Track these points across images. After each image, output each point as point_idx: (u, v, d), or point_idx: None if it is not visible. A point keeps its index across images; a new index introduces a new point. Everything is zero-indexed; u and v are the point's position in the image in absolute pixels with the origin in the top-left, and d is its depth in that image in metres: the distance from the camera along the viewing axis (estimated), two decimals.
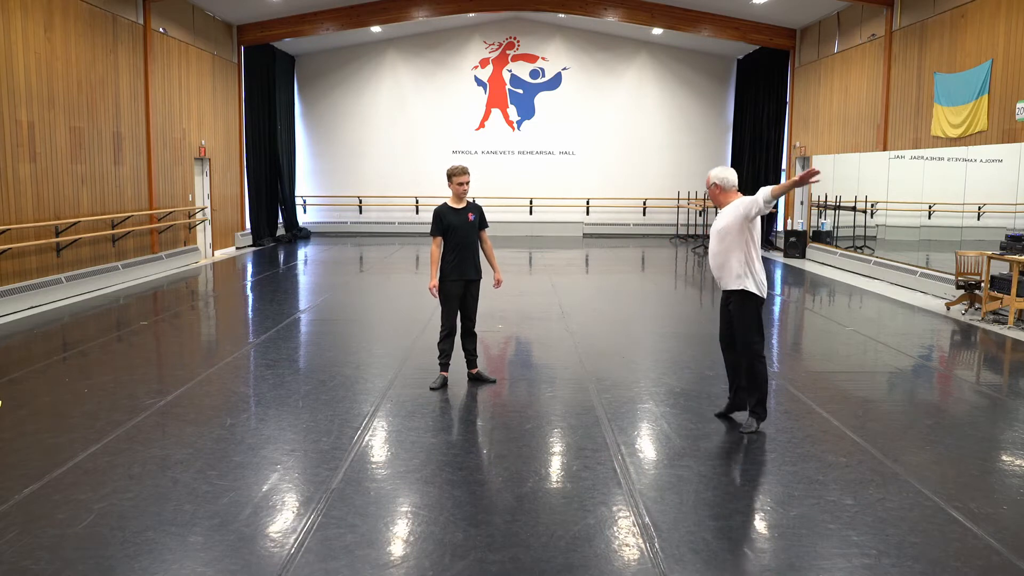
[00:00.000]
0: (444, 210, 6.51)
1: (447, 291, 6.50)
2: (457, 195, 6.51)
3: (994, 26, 11.72)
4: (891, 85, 14.70)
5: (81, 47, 12.12)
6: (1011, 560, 3.71)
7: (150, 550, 3.73)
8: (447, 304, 6.53)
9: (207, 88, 16.92)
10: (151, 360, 7.93)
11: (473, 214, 6.58)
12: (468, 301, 6.63)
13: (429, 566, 3.61)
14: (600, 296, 12.36)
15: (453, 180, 6.47)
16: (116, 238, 13.07)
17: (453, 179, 6.47)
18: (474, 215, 6.59)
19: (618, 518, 4.12)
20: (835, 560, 3.70)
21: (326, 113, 22.65)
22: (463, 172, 6.48)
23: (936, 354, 8.45)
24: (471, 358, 6.75)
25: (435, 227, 6.49)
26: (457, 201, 6.53)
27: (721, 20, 18.74)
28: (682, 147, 23.03)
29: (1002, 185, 10.96)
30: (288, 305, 11.09)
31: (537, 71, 22.83)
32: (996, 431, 5.68)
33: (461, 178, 6.45)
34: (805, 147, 18.71)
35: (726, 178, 5.52)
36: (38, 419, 5.73)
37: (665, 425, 5.65)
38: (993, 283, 9.69)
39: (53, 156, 11.40)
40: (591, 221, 23.04)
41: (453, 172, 6.48)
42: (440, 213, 6.49)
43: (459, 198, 6.53)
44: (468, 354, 6.75)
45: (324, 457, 4.96)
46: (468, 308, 6.65)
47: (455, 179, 6.46)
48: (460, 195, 6.51)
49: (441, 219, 6.46)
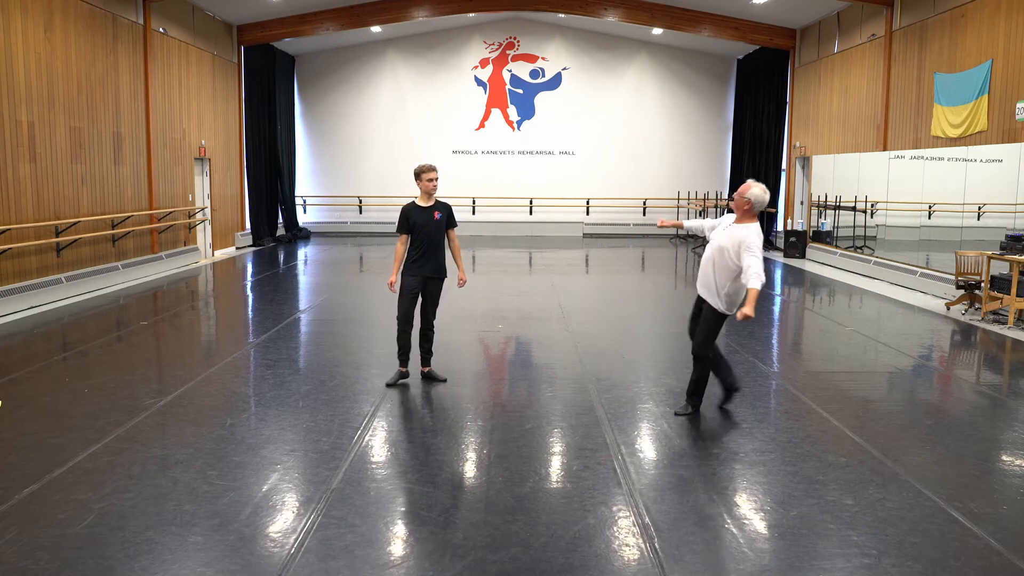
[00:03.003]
0: (411, 208, 6.57)
1: (403, 285, 6.55)
2: (426, 192, 6.57)
3: (994, 26, 11.72)
4: (891, 85, 14.70)
5: (81, 47, 12.12)
6: (1011, 560, 3.71)
7: (150, 550, 3.73)
8: (401, 298, 6.55)
9: (207, 88, 16.92)
10: (151, 360, 7.93)
11: (440, 212, 6.60)
12: (427, 300, 6.63)
13: (429, 566, 3.61)
14: (600, 296, 12.36)
15: (422, 177, 6.53)
16: (116, 238, 13.07)
17: (422, 176, 6.53)
18: (441, 213, 6.60)
19: (618, 518, 4.12)
20: (835, 560, 3.70)
21: (326, 113, 22.65)
22: (431, 169, 6.54)
23: (936, 354, 8.45)
24: (426, 356, 6.79)
25: (401, 224, 6.55)
26: (425, 199, 6.59)
27: (721, 20, 18.74)
28: (682, 147, 23.03)
29: (1002, 185, 10.96)
30: (288, 305, 11.09)
31: (537, 71, 22.83)
32: (996, 431, 5.68)
33: (430, 175, 6.51)
34: (805, 147, 18.71)
35: (763, 201, 5.47)
36: (38, 419, 5.73)
37: (665, 425, 5.65)
38: (993, 283, 9.69)
39: (53, 156, 11.40)
40: (591, 221, 23.04)
41: (422, 170, 6.55)
42: (407, 211, 6.56)
43: (428, 196, 6.59)
44: (424, 352, 6.78)
45: (324, 457, 4.96)
46: (426, 307, 6.65)
47: (424, 176, 6.52)
48: (429, 192, 6.57)
49: (407, 217, 6.53)
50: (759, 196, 5.41)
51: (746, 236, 5.36)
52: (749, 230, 5.40)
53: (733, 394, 6.04)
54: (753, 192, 5.41)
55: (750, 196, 5.41)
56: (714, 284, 5.55)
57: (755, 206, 5.46)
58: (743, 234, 5.38)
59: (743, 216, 5.50)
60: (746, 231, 5.39)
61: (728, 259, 5.43)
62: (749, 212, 5.47)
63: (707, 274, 5.62)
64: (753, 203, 5.44)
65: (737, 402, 6.18)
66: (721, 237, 5.54)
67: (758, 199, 5.42)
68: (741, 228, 5.44)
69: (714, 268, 5.54)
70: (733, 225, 5.53)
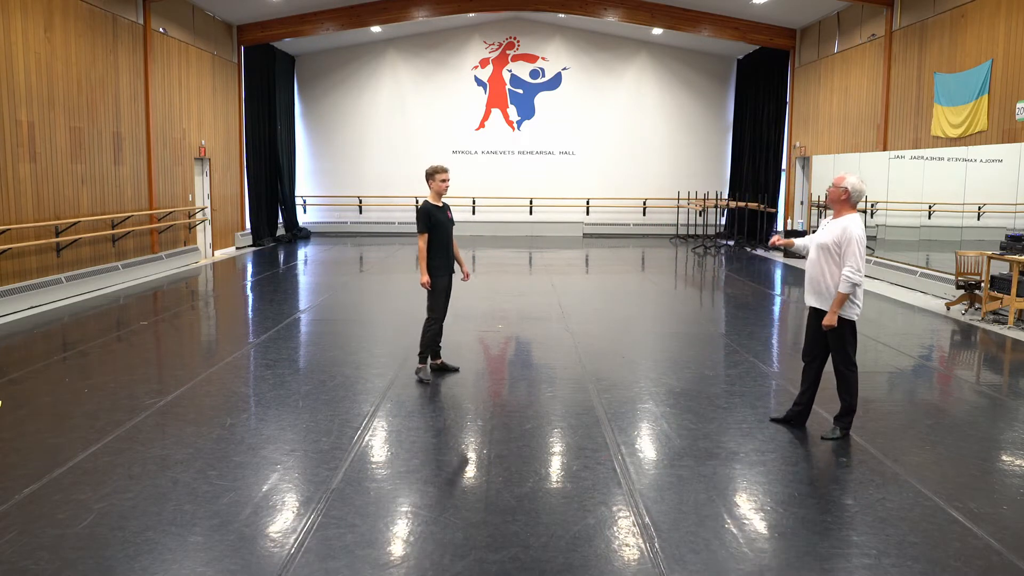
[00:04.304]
0: (430, 207, 6.71)
1: (436, 285, 6.73)
2: (438, 192, 6.74)
3: (994, 26, 11.72)
4: (891, 85, 14.70)
5: (81, 47, 12.12)
6: (1011, 560, 3.71)
7: (150, 550, 3.73)
8: (438, 297, 6.77)
9: (207, 88, 16.92)
10: (151, 360, 7.93)
11: (450, 212, 6.91)
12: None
13: (429, 566, 3.61)
14: (600, 296, 12.36)
15: (435, 178, 6.71)
16: (116, 238, 13.07)
17: (435, 177, 6.71)
18: (450, 213, 6.91)
19: (618, 518, 4.12)
20: (835, 560, 3.70)
21: (326, 113, 22.65)
22: (444, 170, 6.76)
23: (936, 354, 8.45)
24: (438, 348, 7.07)
25: (422, 224, 6.70)
26: (437, 199, 6.78)
27: (721, 20, 18.74)
28: (682, 147, 23.03)
29: (1002, 185, 10.95)
30: (288, 305, 11.09)
31: (537, 71, 22.82)
32: (996, 431, 5.68)
33: (443, 175, 6.72)
34: (805, 147, 18.71)
35: (861, 191, 5.14)
36: (38, 419, 5.73)
37: (665, 425, 5.65)
38: (993, 283, 9.69)
39: (53, 156, 11.40)
40: (591, 221, 23.04)
41: (435, 171, 6.73)
42: (427, 211, 6.69)
43: (439, 196, 6.77)
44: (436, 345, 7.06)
45: (324, 457, 4.96)
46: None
47: (437, 176, 6.71)
48: (440, 192, 6.75)
49: (429, 216, 6.67)
50: (856, 185, 5.10)
51: (847, 226, 5.00)
52: (849, 221, 5.05)
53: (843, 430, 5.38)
54: (850, 181, 5.11)
55: (847, 185, 5.10)
56: (827, 288, 5.15)
57: (852, 196, 5.12)
58: (841, 225, 5.04)
59: (840, 208, 5.18)
60: (845, 223, 5.05)
61: (834, 255, 5.09)
62: (847, 203, 5.16)
63: (815, 280, 5.22)
64: (851, 192, 5.12)
65: (737, 402, 6.18)
66: (821, 236, 5.21)
67: (855, 188, 5.11)
68: (839, 221, 5.12)
69: (822, 271, 5.17)
70: (832, 221, 5.22)
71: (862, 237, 5.02)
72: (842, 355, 5.24)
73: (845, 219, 5.12)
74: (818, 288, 5.24)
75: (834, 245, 5.09)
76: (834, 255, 5.10)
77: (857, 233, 5.01)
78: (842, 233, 5.05)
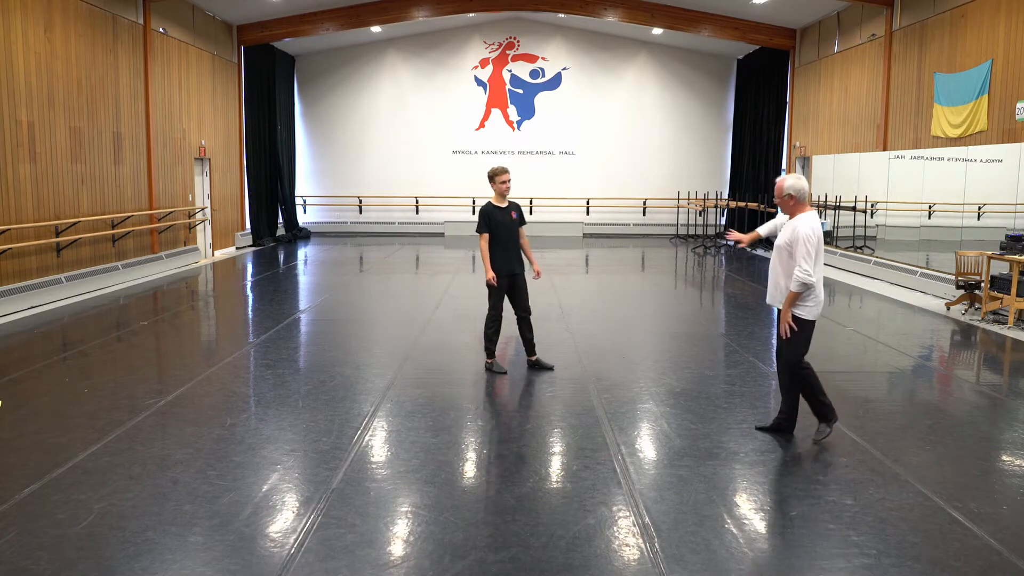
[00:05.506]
0: (490, 208, 6.90)
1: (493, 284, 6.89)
2: (500, 193, 6.90)
3: (994, 26, 11.72)
4: (891, 85, 14.70)
5: (81, 47, 12.12)
6: (1011, 560, 3.71)
7: (150, 550, 3.73)
8: (494, 295, 6.94)
9: (207, 88, 16.92)
10: (151, 360, 7.93)
11: (515, 212, 6.99)
12: (517, 293, 7.03)
13: (429, 566, 3.61)
14: (600, 296, 12.36)
15: (496, 180, 6.87)
16: (116, 238, 13.07)
17: (496, 179, 6.87)
18: (516, 213, 6.99)
19: (618, 518, 4.12)
20: (835, 560, 3.70)
21: (326, 113, 22.65)
22: (504, 171, 6.88)
23: (936, 354, 8.45)
24: (529, 346, 7.15)
25: (482, 224, 6.87)
26: (500, 200, 6.93)
27: (721, 20, 18.74)
28: (682, 147, 23.03)
29: (1002, 185, 10.96)
30: (288, 305, 11.08)
31: (537, 71, 22.83)
32: (996, 431, 5.68)
33: (503, 176, 6.85)
34: (805, 147, 18.71)
35: (802, 187, 5.12)
36: (38, 419, 5.73)
37: (665, 425, 5.65)
38: (993, 283, 9.69)
39: (53, 156, 11.40)
40: (591, 221, 23.04)
41: (495, 172, 6.89)
42: (487, 212, 6.88)
43: (502, 196, 6.92)
44: (526, 342, 7.18)
45: (324, 457, 4.96)
46: (520, 299, 7.06)
47: (497, 178, 6.86)
48: (503, 193, 6.91)
49: (489, 217, 6.85)
50: (795, 184, 5.09)
51: (797, 226, 5.03)
52: (799, 221, 5.06)
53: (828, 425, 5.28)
54: (788, 183, 5.09)
55: (788, 190, 5.09)
56: (784, 289, 5.16)
57: (797, 195, 5.11)
58: (792, 226, 5.08)
59: (794, 210, 5.17)
60: (796, 223, 5.07)
61: (790, 256, 5.11)
62: (797, 204, 5.15)
63: (775, 281, 5.26)
64: (795, 194, 5.10)
65: (737, 402, 6.18)
66: (779, 237, 5.23)
67: (796, 187, 5.09)
68: (792, 222, 5.13)
69: (779, 272, 5.21)
70: (787, 222, 5.23)
71: (810, 236, 4.99)
72: (789, 352, 5.16)
73: (797, 219, 5.12)
74: (779, 289, 5.26)
75: (787, 246, 5.12)
76: (791, 256, 5.11)
77: (805, 232, 4.99)
78: (792, 233, 5.08)
